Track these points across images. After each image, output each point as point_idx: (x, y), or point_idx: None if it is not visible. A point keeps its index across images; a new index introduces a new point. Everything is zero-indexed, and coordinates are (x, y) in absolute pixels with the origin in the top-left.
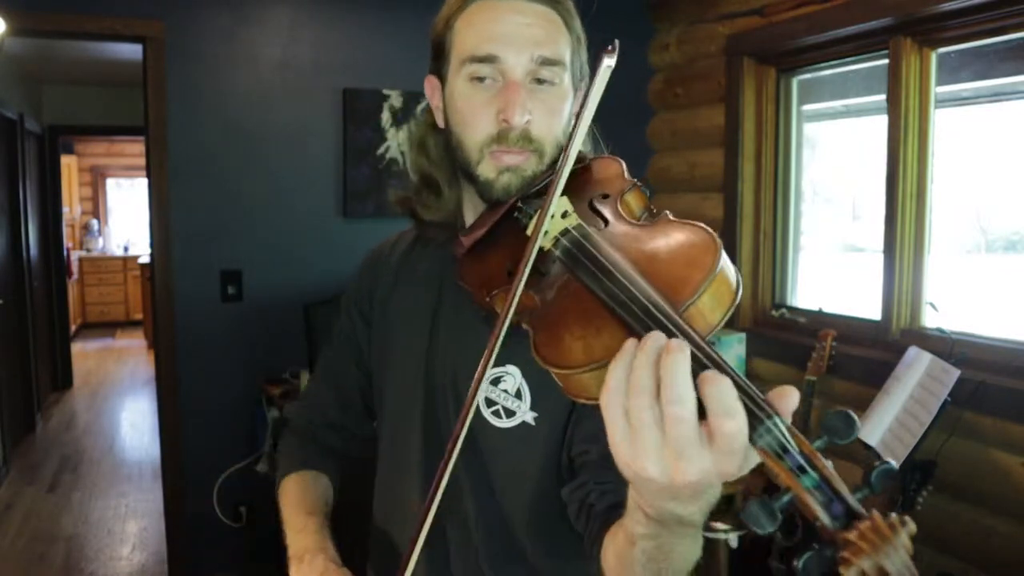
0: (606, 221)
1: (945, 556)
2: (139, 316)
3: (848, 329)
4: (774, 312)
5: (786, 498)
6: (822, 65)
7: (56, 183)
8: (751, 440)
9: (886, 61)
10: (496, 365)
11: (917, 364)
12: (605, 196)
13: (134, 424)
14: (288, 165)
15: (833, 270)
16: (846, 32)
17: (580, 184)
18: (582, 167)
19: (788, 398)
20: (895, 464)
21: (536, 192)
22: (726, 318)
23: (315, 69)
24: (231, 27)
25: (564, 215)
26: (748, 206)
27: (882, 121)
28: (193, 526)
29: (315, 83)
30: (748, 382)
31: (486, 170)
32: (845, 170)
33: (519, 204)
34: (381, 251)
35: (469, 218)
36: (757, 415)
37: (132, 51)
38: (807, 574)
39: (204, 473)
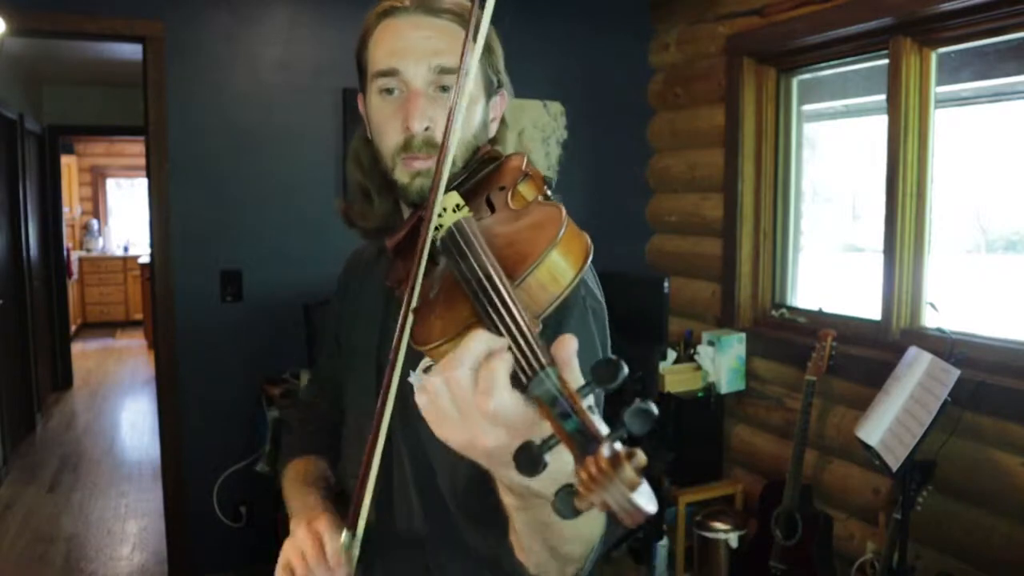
0: (493, 211)
1: (945, 556)
2: (139, 316)
3: (848, 329)
4: (774, 312)
5: (552, 442)
6: (822, 65)
7: (56, 183)
8: (528, 392)
9: (886, 61)
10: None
11: (917, 364)
12: (502, 188)
13: (134, 424)
14: (288, 165)
15: (833, 270)
16: (846, 32)
17: (489, 180)
18: (496, 165)
19: (564, 346)
20: (651, 404)
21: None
22: (568, 288)
23: (315, 69)
24: (231, 27)
25: (457, 208)
26: (748, 206)
27: (882, 121)
28: (193, 526)
29: (315, 83)
30: (533, 337)
31: (400, 175)
32: (845, 170)
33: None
34: (356, 255)
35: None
36: (532, 366)
37: (132, 51)
38: (561, 510)
39: (204, 473)
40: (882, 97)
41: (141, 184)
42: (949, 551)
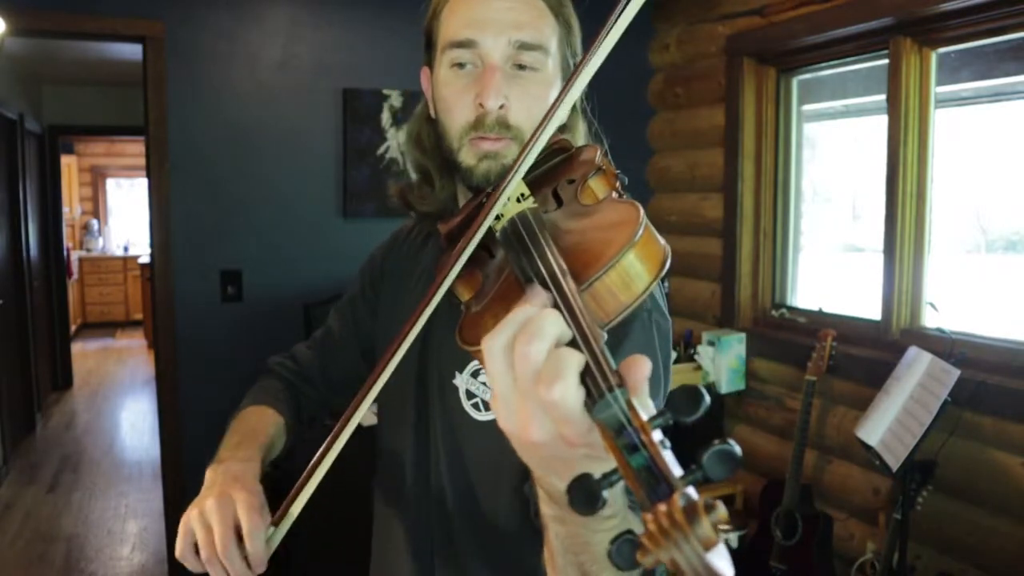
0: (560, 204)
1: (945, 556)
2: (139, 316)
3: (848, 329)
4: (774, 312)
5: (615, 478)
6: (822, 65)
7: (56, 183)
8: (591, 413)
9: (886, 61)
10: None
11: (917, 364)
12: (571, 181)
13: (134, 424)
14: (288, 165)
15: (833, 270)
16: (846, 32)
17: (556, 171)
18: (566, 156)
19: (637, 367)
20: (734, 446)
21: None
22: (641, 297)
23: (315, 69)
24: (231, 27)
25: (521, 199)
26: (748, 206)
27: (882, 121)
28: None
29: (315, 83)
30: (605, 353)
31: (467, 157)
32: (845, 170)
33: (490, 191)
34: (400, 235)
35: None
36: (600, 386)
37: (132, 51)
38: (619, 559)
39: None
40: (882, 97)
41: (141, 184)
42: (949, 551)
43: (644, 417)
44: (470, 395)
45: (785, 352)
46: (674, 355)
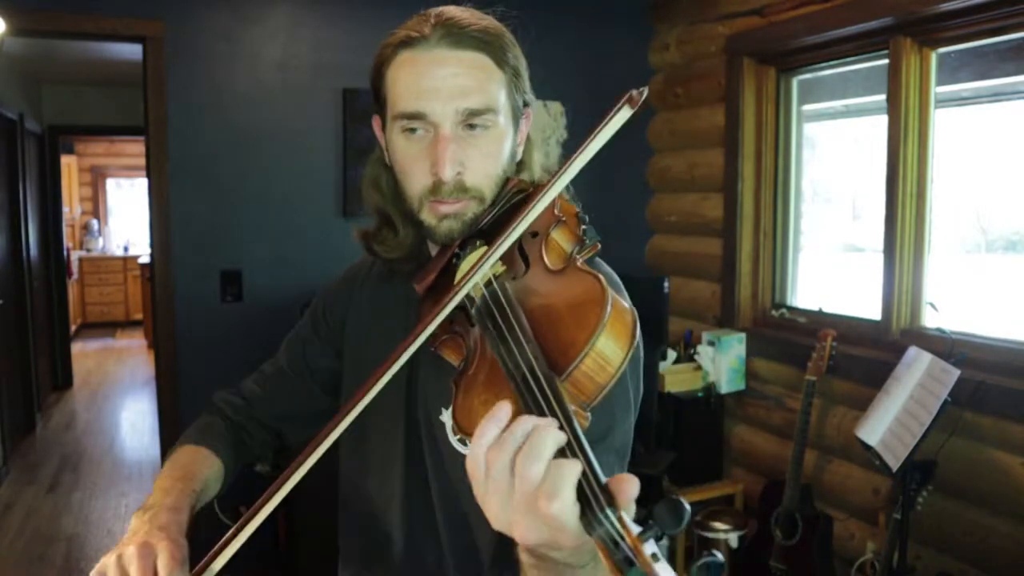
0: (527, 266)
1: (945, 556)
2: (139, 316)
3: (848, 329)
4: (774, 312)
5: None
6: (822, 65)
7: (56, 183)
8: (587, 529)
9: (886, 61)
10: None
11: (917, 364)
12: (534, 235)
13: (134, 424)
14: (288, 165)
15: (833, 270)
16: (846, 32)
17: (517, 216)
18: (523, 197)
19: (627, 486)
20: (720, 557)
21: (478, 231)
22: (618, 374)
23: (315, 69)
24: (231, 27)
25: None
26: (748, 206)
27: (882, 121)
28: (193, 526)
29: (315, 83)
30: (596, 470)
31: (428, 217)
32: (845, 170)
33: (457, 251)
34: (358, 273)
35: (433, 251)
36: (593, 505)
37: (132, 51)
38: None
39: None
40: (882, 97)
41: (141, 184)
42: (949, 551)
43: (635, 533)
44: (456, 430)
45: (785, 352)
46: (674, 355)
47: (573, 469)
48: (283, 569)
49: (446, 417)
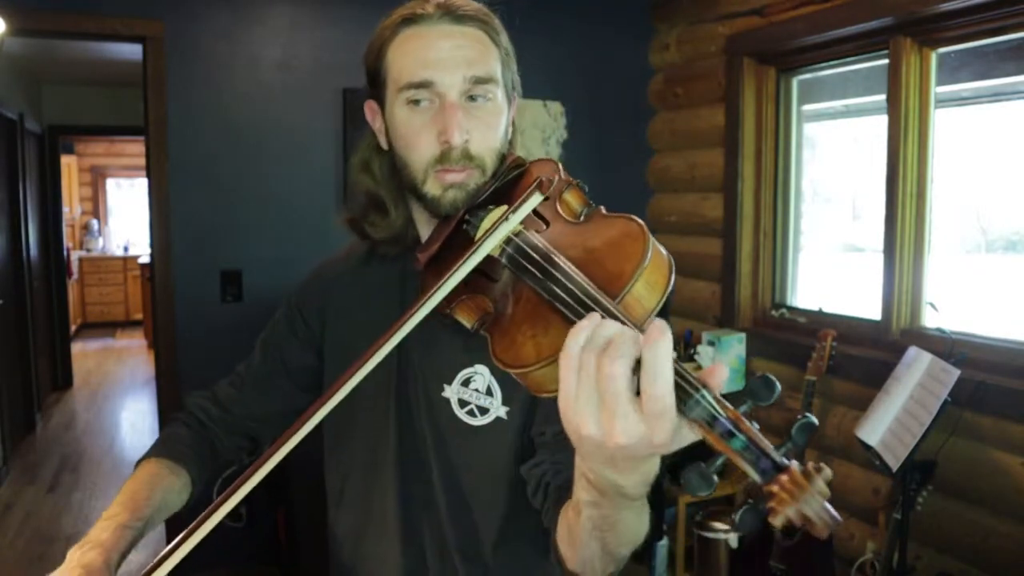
0: (547, 223)
1: (945, 556)
2: (139, 316)
3: (848, 329)
4: (774, 312)
5: (719, 461)
6: (822, 65)
7: (56, 183)
8: (683, 412)
9: (886, 61)
10: (465, 366)
11: (917, 364)
12: (545, 199)
13: (134, 424)
14: (288, 165)
15: (833, 270)
16: (846, 32)
17: (521, 189)
18: (520, 172)
19: (717, 374)
20: (812, 419)
21: (482, 202)
22: (663, 300)
23: (315, 69)
24: (231, 27)
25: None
26: (748, 206)
27: (882, 121)
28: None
29: (315, 83)
30: (680, 363)
31: (432, 188)
32: (845, 170)
33: (467, 217)
34: (332, 265)
35: (423, 232)
36: (687, 390)
37: (132, 51)
38: (744, 527)
39: None
40: (882, 97)
41: (141, 184)
42: (949, 551)
43: (731, 407)
44: (463, 403)
45: (785, 352)
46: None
47: (664, 347)
48: (283, 568)
49: (450, 392)
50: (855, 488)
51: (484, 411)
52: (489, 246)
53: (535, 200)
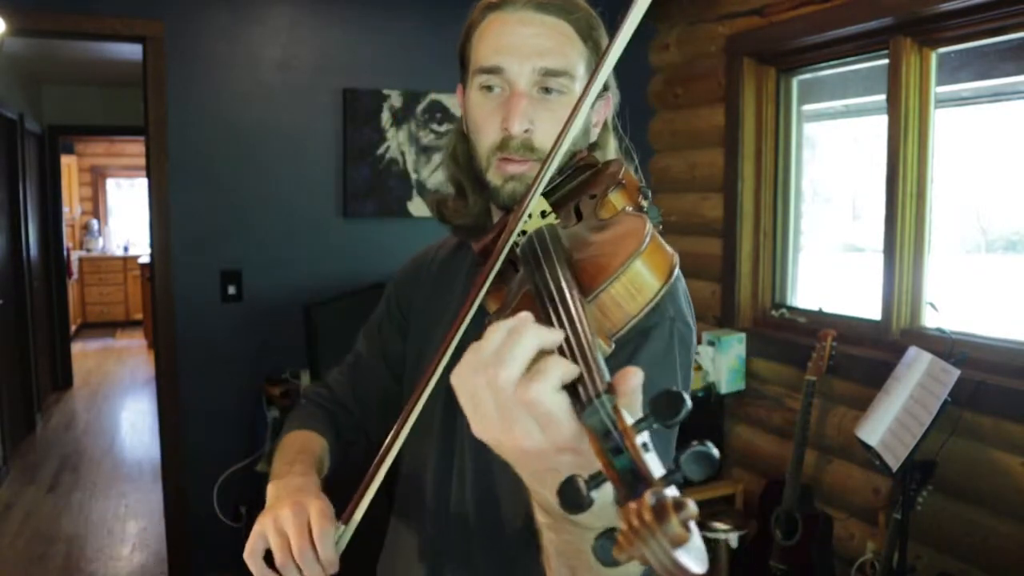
0: (580, 219)
1: (945, 556)
2: (139, 316)
3: (848, 329)
4: (774, 312)
5: (601, 480)
6: (822, 65)
7: (56, 183)
8: (579, 418)
9: (886, 61)
10: None
11: (917, 364)
12: (592, 196)
13: (134, 424)
14: (288, 165)
15: (833, 270)
16: (846, 32)
17: (581, 187)
18: (592, 172)
19: (629, 376)
20: (711, 447)
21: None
22: (652, 303)
23: (315, 69)
24: (231, 27)
25: (544, 215)
26: (748, 206)
27: (882, 121)
28: (193, 526)
29: (315, 83)
30: (596, 361)
31: (493, 177)
32: (845, 170)
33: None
34: (426, 254)
35: (496, 218)
36: (589, 392)
37: (132, 51)
38: (600, 554)
39: (204, 473)
40: (882, 97)
41: (141, 184)
42: (949, 551)
43: (629, 422)
44: None
45: (785, 352)
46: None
47: (558, 363)
48: None
49: None
50: (855, 488)
51: None
52: (520, 228)
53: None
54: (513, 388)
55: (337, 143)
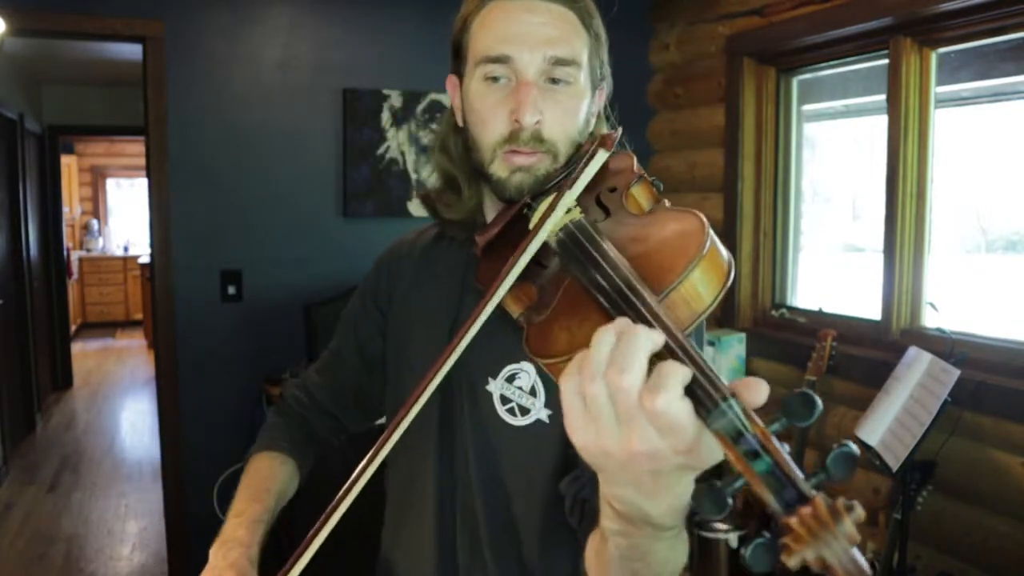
0: (608, 213)
1: (945, 556)
2: (139, 316)
3: (848, 329)
4: (774, 312)
5: (738, 483)
6: (822, 65)
7: (56, 183)
8: (706, 422)
9: (886, 61)
10: (511, 362)
11: (917, 364)
12: (612, 190)
13: (134, 424)
14: (288, 165)
15: (833, 270)
16: (846, 32)
17: (595, 179)
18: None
19: (753, 388)
20: (853, 447)
21: (548, 190)
22: (715, 303)
23: (315, 69)
24: (231, 27)
25: (568, 210)
26: (748, 206)
27: (882, 121)
28: (193, 526)
29: (315, 83)
30: (709, 365)
31: (499, 169)
32: (845, 170)
33: (529, 202)
34: (401, 246)
35: (490, 216)
36: (713, 396)
37: (132, 51)
38: (756, 564)
39: (204, 473)
40: (882, 97)
41: (141, 184)
42: (949, 551)
43: (762, 423)
44: (504, 400)
45: (785, 352)
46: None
47: (679, 367)
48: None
49: (493, 387)
50: (855, 488)
51: (525, 411)
52: (550, 225)
53: (600, 158)
54: (637, 396)
55: (337, 143)
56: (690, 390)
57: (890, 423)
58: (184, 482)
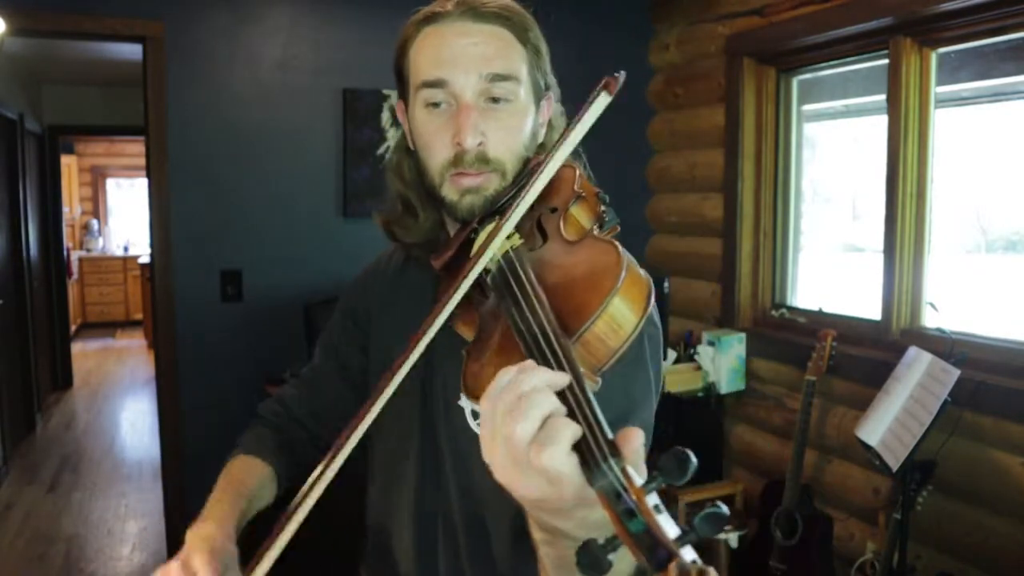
0: (545, 239)
1: (945, 556)
2: (139, 316)
3: (848, 329)
4: (774, 312)
5: (616, 543)
6: (822, 65)
7: (56, 183)
8: (589, 481)
9: (886, 61)
10: None
11: (917, 364)
12: (553, 210)
13: (134, 424)
14: (288, 165)
15: (833, 270)
16: (846, 32)
17: (540, 197)
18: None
19: (632, 440)
20: (723, 509)
21: (498, 209)
22: (632, 336)
23: (315, 69)
24: (231, 27)
25: (508, 236)
26: (748, 206)
27: (882, 121)
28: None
29: (315, 83)
30: (600, 422)
31: (449, 192)
32: (845, 170)
33: (476, 226)
34: (378, 264)
35: (452, 232)
36: (596, 456)
37: (132, 51)
38: None
39: (204, 473)
40: (882, 97)
41: (141, 184)
42: (949, 551)
43: (639, 484)
44: (476, 414)
45: (785, 352)
46: (674, 355)
47: (569, 426)
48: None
49: (465, 403)
50: (855, 488)
51: None
52: (483, 262)
53: (603, 102)
54: (526, 447)
55: (337, 143)
56: (577, 446)
57: (890, 423)
58: (184, 482)
